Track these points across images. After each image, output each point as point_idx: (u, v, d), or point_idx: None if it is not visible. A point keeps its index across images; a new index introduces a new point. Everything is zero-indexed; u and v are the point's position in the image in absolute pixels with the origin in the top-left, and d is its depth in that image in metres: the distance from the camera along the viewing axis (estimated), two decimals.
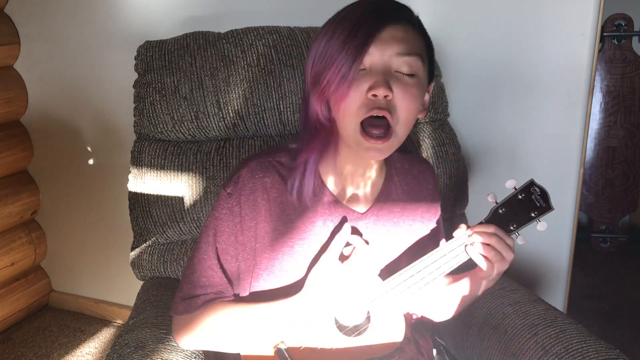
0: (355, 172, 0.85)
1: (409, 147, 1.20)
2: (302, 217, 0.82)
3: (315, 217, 0.83)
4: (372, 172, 0.86)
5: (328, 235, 0.83)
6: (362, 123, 0.73)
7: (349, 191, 0.85)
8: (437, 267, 0.79)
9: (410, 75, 0.73)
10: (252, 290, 0.84)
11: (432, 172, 0.96)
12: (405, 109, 0.73)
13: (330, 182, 0.84)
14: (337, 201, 0.84)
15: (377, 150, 0.75)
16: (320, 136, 0.80)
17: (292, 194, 0.81)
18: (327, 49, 0.73)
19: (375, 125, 0.73)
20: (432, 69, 0.81)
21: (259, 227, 0.81)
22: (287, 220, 0.82)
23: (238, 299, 0.85)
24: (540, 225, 0.79)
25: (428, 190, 0.93)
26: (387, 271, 0.86)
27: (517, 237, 0.80)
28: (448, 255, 0.79)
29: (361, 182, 0.86)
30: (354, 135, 0.75)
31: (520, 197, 0.79)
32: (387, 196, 0.88)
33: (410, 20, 0.75)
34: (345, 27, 0.72)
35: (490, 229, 0.78)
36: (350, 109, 0.73)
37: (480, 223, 0.80)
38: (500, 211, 0.79)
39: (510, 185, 0.79)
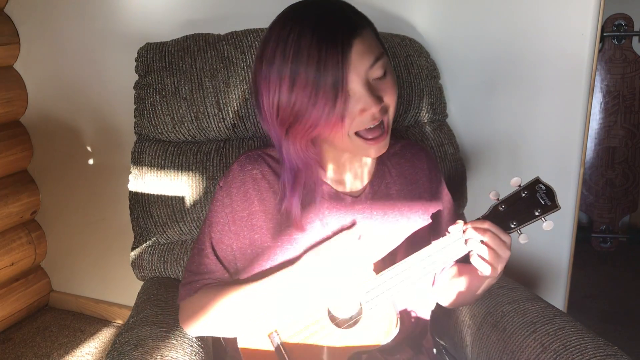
0: (351, 161, 0.86)
1: (403, 135, 1.21)
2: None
3: (311, 206, 0.84)
4: (367, 159, 0.88)
5: (325, 223, 0.85)
6: (357, 132, 0.75)
7: (343, 177, 0.87)
8: (431, 262, 0.79)
9: (385, 73, 0.74)
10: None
11: (426, 153, 0.96)
12: (393, 103, 0.76)
13: (325, 171, 0.86)
14: (331, 188, 0.86)
15: (380, 148, 0.77)
16: (302, 174, 0.81)
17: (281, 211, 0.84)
18: (296, 93, 0.69)
19: (371, 129, 0.75)
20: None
21: (255, 217, 0.84)
22: (280, 210, 0.84)
23: (236, 281, 0.87)
24: (546, 224, 0.76)
25: (423, 170, 0.93)
26: (387, 261, 0.87)
27: (519, 235, 0.77)
28: (443, 251, 0.78)
29: (357, 169, 0.87)
30: (353, 143, 0.76)
31: (523, 194, 0.77)
32: (380, 179, 0.89)
33: (362, 25, 0.72)
34: (310, 62, 0.67)
35: (485, 224, 0.76)
36: (346, 129, 0.73)
37: (477, 219, 0.78)
38: (501, 208, 0.77)
39: (515, 183, 0.77)
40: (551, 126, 1.32)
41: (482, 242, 0.75)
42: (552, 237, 1.39)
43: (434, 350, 1.00)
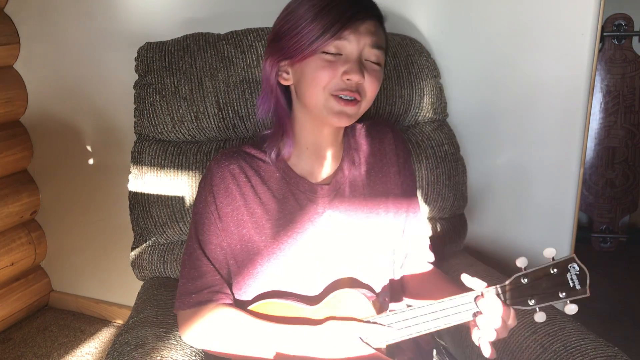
0: (315, 143, 0.88)
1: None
2: (273, 199, 0.86)
3: (286, 198, 0.86)
4: (331, 141, 0.88)
5: (302, 214, 0.86)
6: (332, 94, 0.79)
7: (311, 165, 0.89)
8: (434, 317, 0.75)
9: (377, 63, 0.81)
10: (250, 278, 0.86)
11: (391, 128, 0.98)
12: (371, 91, 0.81)
13: (293, 160, 0.89)
14: (303, 178, 0.88)
15: (345, 115, 0.80)
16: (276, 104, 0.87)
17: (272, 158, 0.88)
18: (302, 12, 0.78)
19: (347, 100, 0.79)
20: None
21: (239, 211, 0.86)
22: (260, 203, 0.86)
23: (241, 307, 0.86)
24: (569, 308, 0.69)
25: (390, 145, 0.95)
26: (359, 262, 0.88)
27: (536, 313, 0.71)
28: (450, 310, 0.74)
29: (323, 151, 0.88)
30: (324, 101, 0.79)
31: (552, 271, 0.70)
32: (350, 163, 0.91)
33: (380, 19, 0.83)
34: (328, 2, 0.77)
35: (500, 312, 0.70)
36: (322, 82, 0.78)
37: (495, 287, 0.72)
38: (523, 280, 0.70)
39: (549, 254, 0.70)
40: (551, 125, 1.32)
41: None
42: (552, 237, 1.39)
43: (434, 350, 1.00)
